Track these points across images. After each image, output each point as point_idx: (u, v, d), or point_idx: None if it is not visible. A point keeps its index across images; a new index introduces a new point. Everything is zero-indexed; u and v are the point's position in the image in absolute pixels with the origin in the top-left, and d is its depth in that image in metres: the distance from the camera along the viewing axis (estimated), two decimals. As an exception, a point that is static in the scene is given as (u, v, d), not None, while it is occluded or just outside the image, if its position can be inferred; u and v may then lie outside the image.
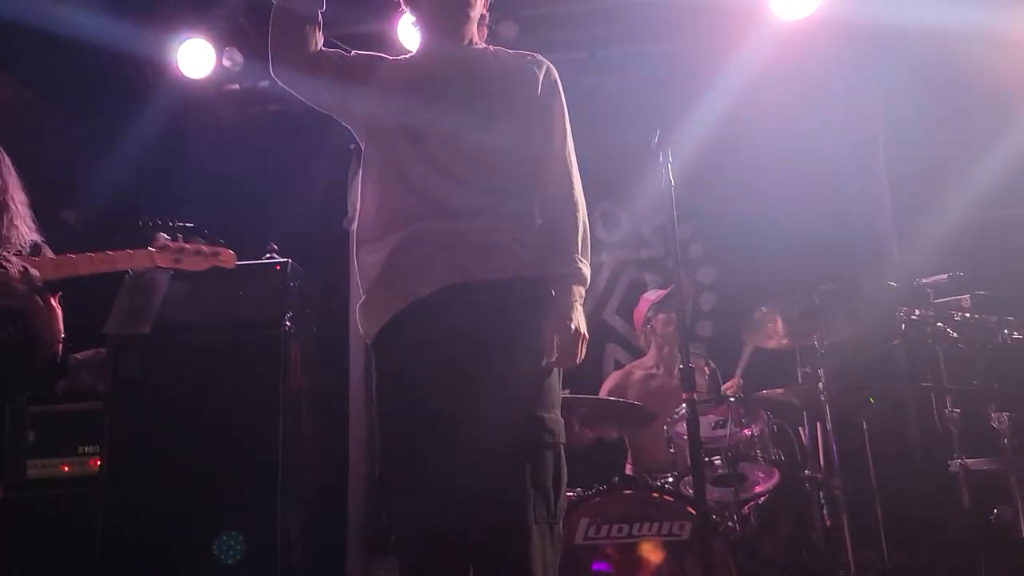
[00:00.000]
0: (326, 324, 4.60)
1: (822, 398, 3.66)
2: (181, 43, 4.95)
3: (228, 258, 3.13)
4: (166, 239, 3.02)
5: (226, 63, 5.07)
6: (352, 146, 4.72)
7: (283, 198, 4.97)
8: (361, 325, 2.30)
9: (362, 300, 2.28)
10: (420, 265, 2.18)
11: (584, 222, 2.29)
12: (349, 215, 4.78)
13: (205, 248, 3.08)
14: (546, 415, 2.13)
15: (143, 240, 3.04)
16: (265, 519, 3.83)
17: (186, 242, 3.06)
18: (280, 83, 2.33)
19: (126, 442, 3.93)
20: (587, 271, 2.26)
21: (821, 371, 3.66)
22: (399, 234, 2.21)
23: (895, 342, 3.76)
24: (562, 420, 2.18)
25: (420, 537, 2.11)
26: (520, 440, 2.08)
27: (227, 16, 4.96)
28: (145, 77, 5.09)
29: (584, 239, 2.28)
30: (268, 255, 4.23)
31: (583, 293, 2.24)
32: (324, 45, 2.37)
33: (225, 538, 3.80)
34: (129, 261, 3.00)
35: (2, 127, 5.13)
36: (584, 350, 2.20)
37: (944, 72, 4.65)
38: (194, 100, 5.27)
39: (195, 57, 4.98)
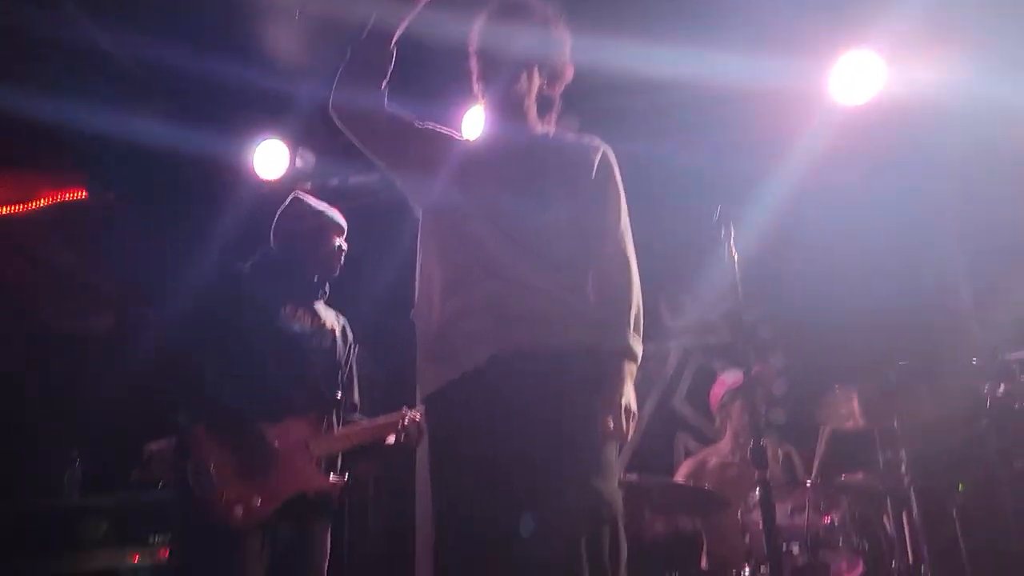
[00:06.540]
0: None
1: (906, 483, 3.48)
2: (257, 145, 5.18)
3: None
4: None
5: (299, 163, 5.29)
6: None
7: (351, 289, 5.06)
8: (418, 386, 2.31)
9: (419, 362, 2.31)
10: (475, 332, 2.20)
11: (638, 300, 2.29)
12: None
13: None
14: (603, 487, 2.08)
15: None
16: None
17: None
18: (340, 121, 2.38)
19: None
20: (638, 348, 2.25)
21: (903, 454, 3.51)
22: (458, 298, 2.25)
23: (983, 422, 3.58)
24: (620, 493, 2.13)
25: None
26: (575, 513, 2.03)
27: (300, 118, 5.18)
28: (221, 179, 5.31)
29: (637, 317, 2.28)
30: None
31: (634, 370, 2.23)
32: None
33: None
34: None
35: (86, 228, 5.43)
36: (632, 427, 2.17)
37: (1009, 147, 4.58)
38: (268, 200, 5.47)
39: (270, 158, 5.20)
